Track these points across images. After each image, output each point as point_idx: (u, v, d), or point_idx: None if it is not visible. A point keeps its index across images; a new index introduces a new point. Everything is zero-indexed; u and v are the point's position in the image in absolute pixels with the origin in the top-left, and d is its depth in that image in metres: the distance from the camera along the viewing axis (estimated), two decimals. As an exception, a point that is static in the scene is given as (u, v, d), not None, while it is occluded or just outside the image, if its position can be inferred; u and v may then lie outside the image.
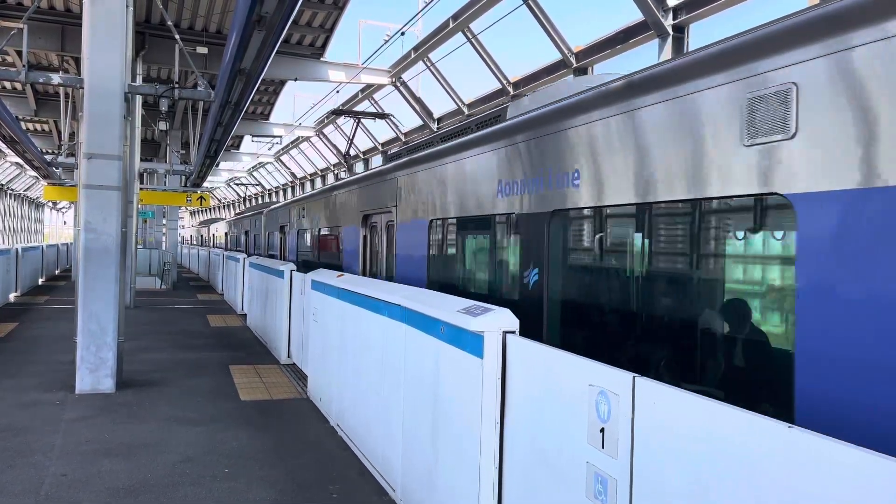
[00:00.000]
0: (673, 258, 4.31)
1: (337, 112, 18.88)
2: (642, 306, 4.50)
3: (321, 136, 29.21)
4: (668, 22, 10.20)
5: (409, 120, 20.96)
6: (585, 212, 4.91)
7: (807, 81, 3.08)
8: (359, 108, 22.74)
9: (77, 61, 17.94)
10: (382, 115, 16.20)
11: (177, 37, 10.08)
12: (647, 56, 11.07)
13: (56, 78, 9.19)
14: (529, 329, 4.32)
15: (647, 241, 4.39)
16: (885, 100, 2.75)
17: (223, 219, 46.62)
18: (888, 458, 1.82)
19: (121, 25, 8.58)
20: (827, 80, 2.99)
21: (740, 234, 3.76)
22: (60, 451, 6.11)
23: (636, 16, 10.85)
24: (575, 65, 12.81)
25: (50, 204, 71.03)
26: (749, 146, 3.36)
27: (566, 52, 12.87)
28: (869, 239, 2.78)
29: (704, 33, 10.07)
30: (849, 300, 2.84)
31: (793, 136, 3.13)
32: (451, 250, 7.39)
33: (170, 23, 10.39)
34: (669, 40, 10.25)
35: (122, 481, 5.41)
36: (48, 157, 24.15)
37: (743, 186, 3.41)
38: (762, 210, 3.53)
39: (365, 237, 10.37)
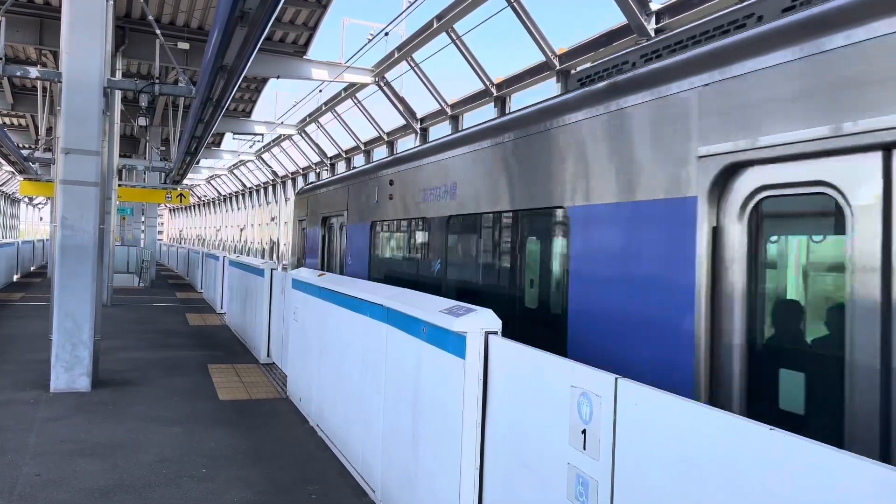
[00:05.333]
0: None
1: None
2: None
3: (303, 135, 29.05)
4: (651, 26, 10.26)
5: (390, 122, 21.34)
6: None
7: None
8: (341, 107, 23.02)
9: (55, 55, 17.66)
10: None
11: (158, 32, 9.97)
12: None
13: (34, 72, 9.06)
14: None
15: None
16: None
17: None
18: (868, 460, 1.83)
19: (100, 19, 8.47)
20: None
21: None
22: (34, 450, 6.00)
23: (620, 19, 10.89)
24: (558, 67, 12.85)
25: (26, 199, 69.96)
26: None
27: (550, 54, 12.90)
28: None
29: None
30: None
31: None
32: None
33: (151, 18, 10.27)
34: (652, 44, 10.31)
35: (97, 481, 5.33)
36: (25, 152, 23.73)
37: None
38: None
39: None
